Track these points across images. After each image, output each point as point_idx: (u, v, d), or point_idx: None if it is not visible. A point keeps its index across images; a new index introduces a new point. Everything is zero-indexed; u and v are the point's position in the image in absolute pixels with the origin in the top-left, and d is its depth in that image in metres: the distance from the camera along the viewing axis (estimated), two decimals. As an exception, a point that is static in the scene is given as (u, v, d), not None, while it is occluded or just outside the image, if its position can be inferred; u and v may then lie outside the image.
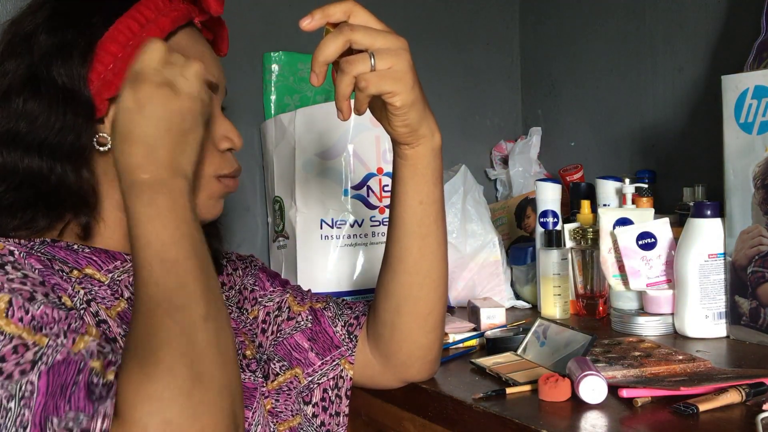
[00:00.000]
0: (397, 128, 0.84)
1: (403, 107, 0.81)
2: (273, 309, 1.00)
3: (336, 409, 0.98)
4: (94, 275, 0.82)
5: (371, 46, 0.78)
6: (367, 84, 0.78)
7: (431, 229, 0.91)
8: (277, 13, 1.69)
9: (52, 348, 0.67)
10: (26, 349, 0.67)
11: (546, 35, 1.99)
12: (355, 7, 0.80)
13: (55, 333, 0.68)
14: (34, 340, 0.67)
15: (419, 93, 0.83)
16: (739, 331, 1.14)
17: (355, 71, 0.78)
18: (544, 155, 1.95)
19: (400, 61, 0.79)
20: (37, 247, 0.81)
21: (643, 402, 0.85)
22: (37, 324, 0.68)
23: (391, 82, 0.79)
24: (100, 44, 0.80)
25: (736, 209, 1.14)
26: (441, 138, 0.88)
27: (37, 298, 0.70)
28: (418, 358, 0.96)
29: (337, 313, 1.01)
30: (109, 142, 0.81)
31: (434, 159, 0.88)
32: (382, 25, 0.80)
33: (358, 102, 0.81)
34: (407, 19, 1.89)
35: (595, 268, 1.36)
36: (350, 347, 0.98)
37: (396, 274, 0.93)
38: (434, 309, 0.94)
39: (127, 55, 0.79)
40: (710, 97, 1.53)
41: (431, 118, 0.86)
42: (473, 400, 0.91)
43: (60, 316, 0.70)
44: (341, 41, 0.78)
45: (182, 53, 0.80)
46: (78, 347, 0.68)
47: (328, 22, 0.79)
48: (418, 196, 0.89)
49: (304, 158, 1.50)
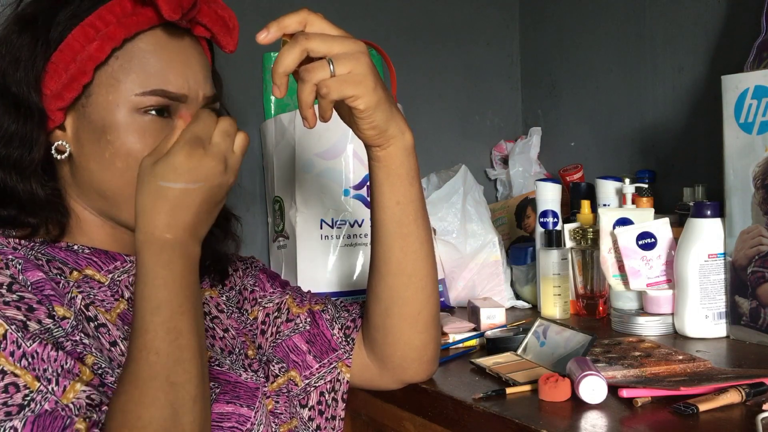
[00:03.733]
0: (365, 131, 0.84)
1: (367, 110, 0.81)
2: (272, 310, 1.00)
3: (332, 413, 0.98)
4: (93, 276, 0.83)
5: (329, 52, 0.78)
6: (329, 90, 0.78)
7: (411, 229, 0.90)
8: (277, 13, 1.68)
9: (42, 394, 0.68)
10: (16, 390, 0.68)
11: (546, 35, 1.99)
12: (310, 15, 0.79)
13: (47, 378, 0.69)
14: (25, 381, 0.68)
15: (383, 94, 0.82)
16: (739, 331, 1.14)
17: (315, 78, 0.78)
18: (544, 155, 1.95)
19: (359, 64, 0.79)
20: (38, 247, 0.82)
21: (643, 402, 0.85)
22: (29, 363, 0.69)
23: (352, 86, 0.79)
24: (53, 58, 0.80)
25: (736, 209, 1.14)
26: (412, 137, 0.87)
27: (30, 327, 0.71)
28: (413, 360, 0.96)
29: (335, 315, 1.01)
30: (68, 150, 0.83)
31: (407, 158, 0.87)
32: (339, 31, 0.80)
33: (322, 109, 0.81)
34: (407, 20, 1.89)
35: (595, 268, 1.36)
36: (347, 350, 0.98)
37: (382, 277, 0.92)
38: (423, 309, 0.93)
39: (77, 68, 0.79)
40: (710, 97, 1.52)
41: (399, 118, 0.85)
42: (473, 400, 0.91)
43: (51, 356, 0.70)
44: (298, 51, 0.77)
45: (140, 58, 0.80)
46: (68, 397, 0.69)
47: (284, 33, 0.79)
48: (394, 197, 0.88)
49: (304, 158, 1.50)
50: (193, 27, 0.85)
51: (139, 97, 0.81)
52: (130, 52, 0.81)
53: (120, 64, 0.81)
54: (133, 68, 0.81)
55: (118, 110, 0.81)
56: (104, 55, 0.80)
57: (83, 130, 0.82)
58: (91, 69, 0.80)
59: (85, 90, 0.81)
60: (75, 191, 0.85)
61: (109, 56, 0.80)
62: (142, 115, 0.81)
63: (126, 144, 0.81)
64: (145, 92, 0.81)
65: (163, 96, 0.81)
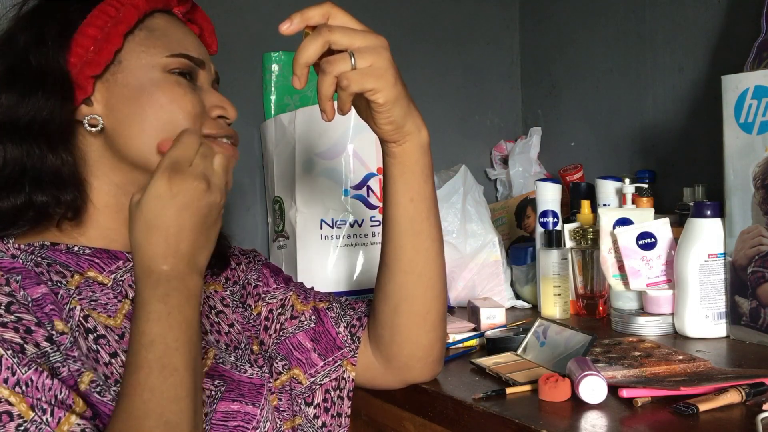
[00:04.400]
0: (382, 126, 0.84)
1: (386, 104, 0.81)
2: (276, 306, 1.00)
3: (338, 410, 0.98)
4: (96, 278, 0.82)
5: (350, 45, 0.78)
6: (349, 82, 0.79)
7: (424, 226, 0.91)
8: (277, 13, 1.68)
9: (36, 425, 0.68)
10: (10, 419, 0.67)
11: (546, 35, 1.99)
12: (333, 8, 0.80)
13: (41, 408, 0.68)
14: (20, 410, 0.68)
15: (402, 89, 0.83)
16: (739, 331, 1.14)
17: (336, 71, 0.78)
18: (544, 155, 1.95)
19: (380, 58, 0.79)
20: (38, 251, 0.81)
21: (643, 402, 0.85)
22: (23, 392, 0.68)
23: (372, 80, 0.79)
24: (79, 31, 0.83)
25: (736, 209, 1.14)
26: (428, 134, 0.88)
27: (27, 351, 0.70)
28: (419, 359, 0.96)
29: (340, 313, 1.01)
30: (101, 123, 0.84)
31: (423, 155, 0.88)
32: (360, 25, 0.81)
33: (342, 101, 0.81)
34: (408, 20, 1.89)
35: (595, 268, 1.36)
36: (353, 349, 0.98)
37: (392, 274, 0.93)
38: (432, 307, 0.94)
39: (104, 36, 0.83)
40: (710, 97, 1.52)
41: (416, 115, 0.86)
42: (473, 400, 0.91)
43: (46, 384, 0.70)
44: (320, 42, 0.78)
45: (162, 30, 0.86)
46: (62, 429, 0.69)
47: (307, 25, 0.80)
48: (408, 194, 0.89)
49: (304, 158, 1.50)
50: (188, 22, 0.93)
51: (168, 59, 0.85)
52: (151, 25, 0.87)
53: (145, 34, 0.86)
54: (158, 37, 0.86)
55: (153, 70, 0.85)
56: (133, 21, 0.85)
57: (117, 98, 0.84)
58: (121, 35, 0.84)
59: (115, 57, 0.84)
60: (103, 168, 0.85)
61: (134, 26, 0.85)
62: (172, 74, 0.86)
63: (163, 97, 0.84)
64: (173, 54, 0.86)
65: (187, 58, 0.87)
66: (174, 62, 0.86)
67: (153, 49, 0.85)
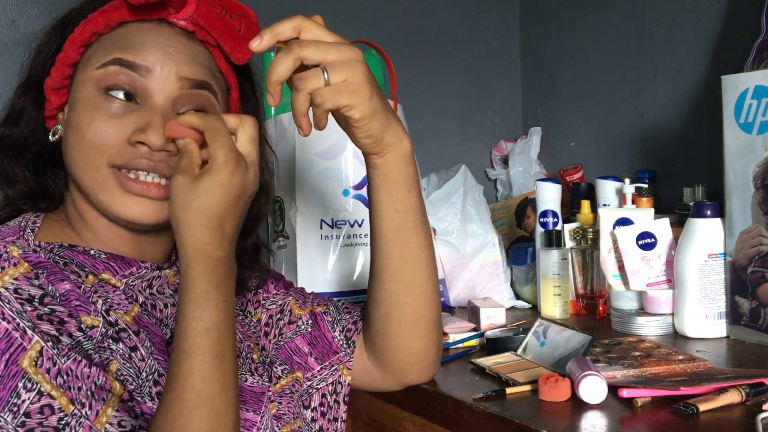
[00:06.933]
0: (361, 139, 0.82)
1: (362, 119, 0.79)
2: (275, 312, 1.00)
3: (334, 415, 0.98)
4: (109, 280, 0.83)
5: (323, 60, 0.76)
6: (323, 99, 0.76)
7: (410, 236, 0.89)
8: (277, 13, 1.68)
9: (75, 418, 0.69)
10: (51, 412, 0.68)
11: (546, 35, 1.99)
12: (305, 21, 0.77)
13: (80, 400, 0.69)
14: (60, 404, 0.68)
15: (379, 102, 0.80)
16: (739, 331, 1.14)
17: (308, 87, 0.76)
18: (544, 155, 1.95)
19: (354, 72, 0.77)
20: (56, 249, 0.82)
21: (643, 402, 0.85)
22: (64, 382, 0.69)
23: (347, 96, 0.77)
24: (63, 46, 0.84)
25: (736, 209, 1.14)
26: (411, 144, 0.86)
27: (63, 341, 0.71)
28: (414, 364, 0.96)
29: (336, 317, 1.01)
30: (60, 132, 0.85)
31: (405, 166, 0.86)
32: (335, 37, 0.78)
33: (317, 118, 0.79)
34: (407, 20, 1.89)
35: (595, 268, 1.36)
36: (348, 353, 0.98)
37: (382, 283, 0.92)
38: (424, 314, 0.92)
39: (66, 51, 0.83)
40: (710, 97, 1.52)
41: (397, 126, 0.84)
42: (473, 400, 0.91)
43: (84, 372, 0.71)
44: (291, 59, 0.76)
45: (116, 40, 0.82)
46: (101, 421, 0.69)
47: (278, 40, 0.78)
48: (392, 205, 0.87)
49: (304, 158, 1.50)
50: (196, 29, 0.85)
51: (99, 71, 0.81)
52: (112, 36, 0.83)
53: (98, 45, 0.83)
54: (106, 47, 0.83)
55: (84, 87, 0.82)
56: (84, 36, 0.82)
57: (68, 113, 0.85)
58: (73, 49, 0.83)
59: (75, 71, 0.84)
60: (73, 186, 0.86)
61: (93, 40, 0.83)
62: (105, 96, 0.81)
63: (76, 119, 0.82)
64: (104, 63, 0.81)
65: (119, 64, 0.81)
66: (101, 75, 0.81)
67: (92, 60, 0.82)
